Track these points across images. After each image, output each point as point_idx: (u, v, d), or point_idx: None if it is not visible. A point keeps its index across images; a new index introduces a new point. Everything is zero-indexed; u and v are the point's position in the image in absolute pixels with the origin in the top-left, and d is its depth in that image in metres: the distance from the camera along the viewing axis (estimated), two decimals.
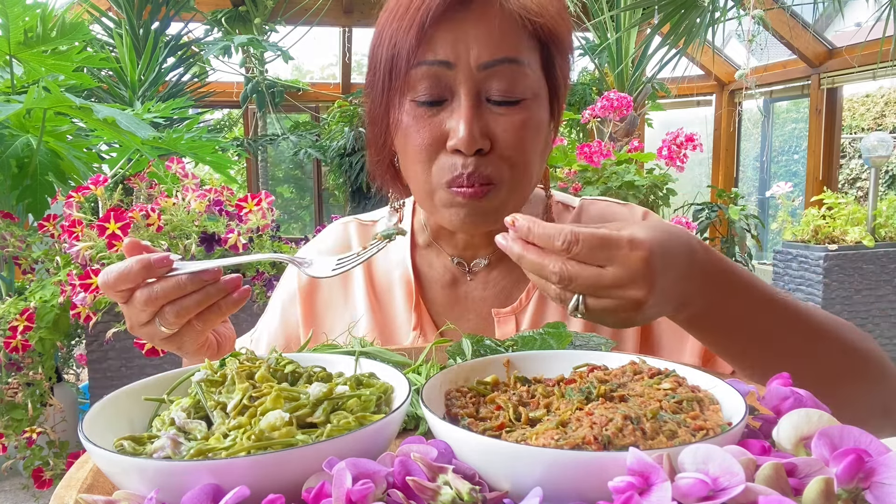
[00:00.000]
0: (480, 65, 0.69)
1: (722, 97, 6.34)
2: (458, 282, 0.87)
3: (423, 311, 0.85)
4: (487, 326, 0.84)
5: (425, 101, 0.71)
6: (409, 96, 0.72)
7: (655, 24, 3.78)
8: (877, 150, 3.75)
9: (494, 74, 0.70)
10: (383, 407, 0.48)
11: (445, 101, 0.71)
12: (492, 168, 0.71)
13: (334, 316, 0.90)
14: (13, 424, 2.07)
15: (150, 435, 0.46)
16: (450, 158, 0.71)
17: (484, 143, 0.70)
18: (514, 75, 0.70)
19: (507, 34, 0.70)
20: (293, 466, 0.37)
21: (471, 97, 0.70)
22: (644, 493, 0.33)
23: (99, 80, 3.70)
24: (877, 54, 3.85)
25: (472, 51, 0.69)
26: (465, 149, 0.69)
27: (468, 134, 0.68)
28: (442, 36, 0.69)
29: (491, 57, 0.69)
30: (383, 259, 0.90)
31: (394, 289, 0.88)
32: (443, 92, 0.71)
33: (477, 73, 0.69)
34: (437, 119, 0.71)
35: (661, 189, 2.76)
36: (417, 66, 0.70)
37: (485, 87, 0.70)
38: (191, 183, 2.33)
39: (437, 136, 0.71)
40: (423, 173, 0.73)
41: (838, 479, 0.34)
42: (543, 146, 0.77)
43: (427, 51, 0.70)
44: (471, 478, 0.38)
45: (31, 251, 2.27)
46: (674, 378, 0.50)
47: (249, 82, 5.18)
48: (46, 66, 2.26)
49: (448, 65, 0.69)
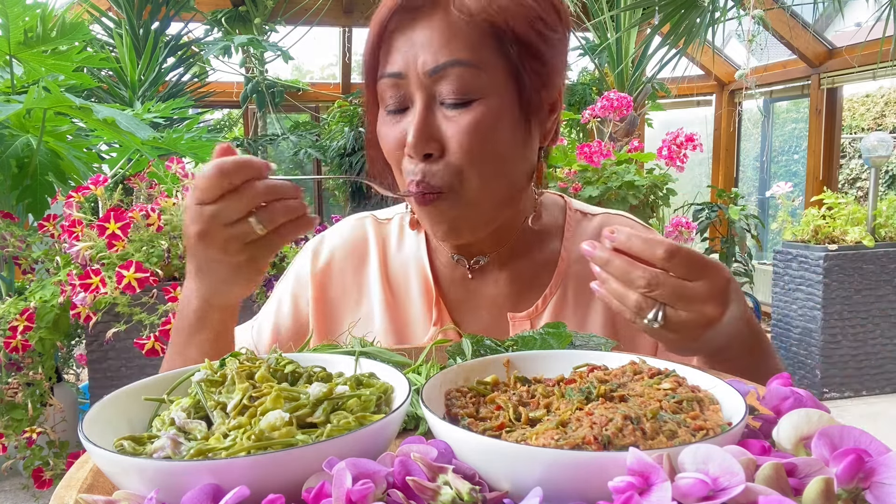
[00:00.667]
0: (427, 71, 0.71)
1: (722, 97, 6.34)
2: (470, 279, 0.88)
3: (442, 307, 0.86)
4: (498, 325, 0.85)
5: (391, 111, 0.75)
6: (382, 105, 0.76)
7: (655, 24, 3.78)
8: (877, 150, 3.75)
9: (443, 78, 0.71)
10: (383, 407, 0.48)
11: (408, 109, 0.74)
12: (441, 175, 0.72)
13: (346, 307, 0.89)
14: (13, 424, 2.07)
15: (150, 435, 0.46)
16: (410, 162, 0.73)
17: (430, 147, 0.71)
18: (463, 76, 0.70)
19: (452, 37, 0.70)
20: (293, 466, 0.37)
21: (422, 102, 0.72)
22: (644, 493, 0.33)
23: (99, 80, 3.70)
24: (877, 54, 3.85)
25: (419, 58, 0.71)
26: (412, 153, 0.71)
27: (414, 138, 0.71)
28: (395, 47, 0.73)
29: (435, 63, 0.70)
30: (398, 253, 0.90)
31: (410, 283, 0.88)
32: (405, 101, 0.73)
33: (425, 80, 0.71)
34: (400, 125, 0.74)
35: (661, 189, 2.76)
36: (381, 79, 0.74)
37: (437, 92, 0.72)
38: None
39: (399, 142, 0.74)
40: (399, 177, 0.77)
41: (838, 479, 0.34)
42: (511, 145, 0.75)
43: (385, 63, 0.73)
44: (471, 478, 0.38)
45: (31, 251, 2.27)
46: (674, 378, 0.50)
47: (249, 82, 5.18)
48: (46, 66, 2.26)
49: (399, 75, 0.72)
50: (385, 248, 0.91)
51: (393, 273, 0.89)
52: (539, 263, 0.87)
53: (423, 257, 0.89)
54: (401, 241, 0.91)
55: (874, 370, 3.88)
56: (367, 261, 0.90)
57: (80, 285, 1.84)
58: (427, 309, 0.86)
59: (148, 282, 1.81)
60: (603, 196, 2.64)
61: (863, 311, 3.80)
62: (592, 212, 0.93)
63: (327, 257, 0.91)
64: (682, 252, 0.57)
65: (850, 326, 3.80)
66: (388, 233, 0.93)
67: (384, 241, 0.92)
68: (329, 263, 0.90)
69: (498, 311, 0.86)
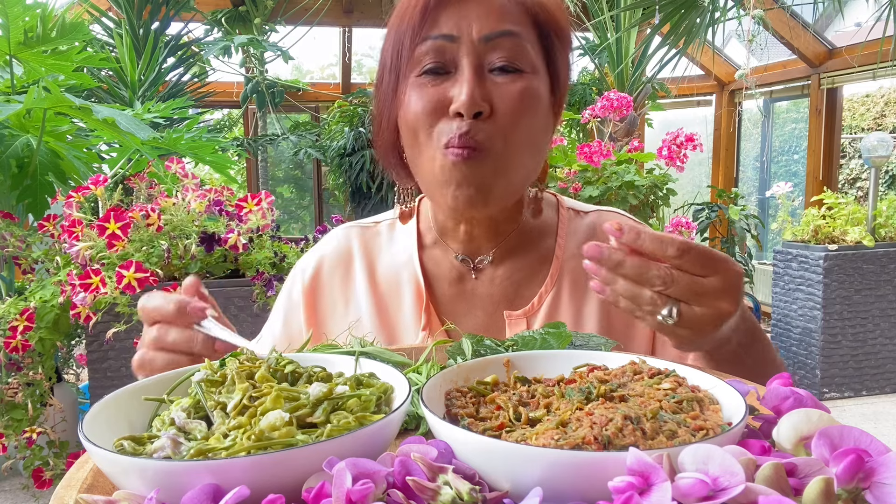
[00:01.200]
0: (482, 37, 0.73)
1: (722, 97, 6.34)
2: (464, 279, 0.88)
3: (432, 312, 0.86)
4: (494, 324, 0.85)
5: (430, 71, 0.74)
6: (414, 72, 0.75)
7: (655, 24, 3.78)
8: (877, 150, 3.76)
9: (496, 46, 0.73)
10: (383, 407, 0.48)
11: (450, 73, 0.74)
12: (487, 134, 0.73)
13: (335, 317, 0.90)
14: (13, 424, 2.07)
15: (150, 435, 0.46)
16: (449, 122, 0.73)
17: (483, 106, 0.72)
18: (515, 47, 0.74)
19: (507, 12, 0.74)
20: (293, 466, 0.37)
21: (473, 66, 0.73)
22: (644, 493, 0.33)
23: (99, 80, 3.70)
24: (877, 54, 3.85)
25: (473, 25, 0.73)
26: (465, 110, 0.71)
27: (469, 96, 0.71)
28: (445, 13, 0.74)
29: (491, 30, 0.73)
30: (389, 260, 0.90)
31: (402, 289, 0.88)
32: (447, 65, 0.74)
33: (479, 45, 0.73)
34: (441, 88, 0.74)
35: (661, 189, 2.76)
36: (423, 42, 0.74)
37: (487, 59, 0.73)
38: (191, 183, 2.33)
39: (439, 103, 0.73)
40: (426, 141, 0.75)
41: (838, 479, 0.34)
42: (543, 127, 0.78)
43: (432, 27, 0.74)
44: (471, 478, 0.38)
45: (31, 251, 2.27)
46: (674, 378, 0.50)
47: (249, 82, 5.18)
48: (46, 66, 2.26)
49: (451, 38, 0.73)
50: (371, 255, 0.91)
51: (381, 278, 0.90)
52: (534, 261, 0.88)
53: (414, 259, 0.88)
54: (390, 245, 0.91)
55: (874, 370, 3.88)
56: (352, 269, 0.91)
57: (80, 285, 1.84)
58: (418, 313, 0.86)
59: (148, 282, 1.81)
60: (603, 196, 2.64)
61: (863, 311, 3.80)
62: (584, 209, 0.93)
63: (314, 272, 0.92)
64: (695, 248, 0.58)
65: (850, 326, 3.80)
66: (374, 238, 0.93)
67: (369, 247, 0.92)
68: (316, 277, 0.91)
69: (494, 309, 0.86)
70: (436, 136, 0.74)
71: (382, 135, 0.82)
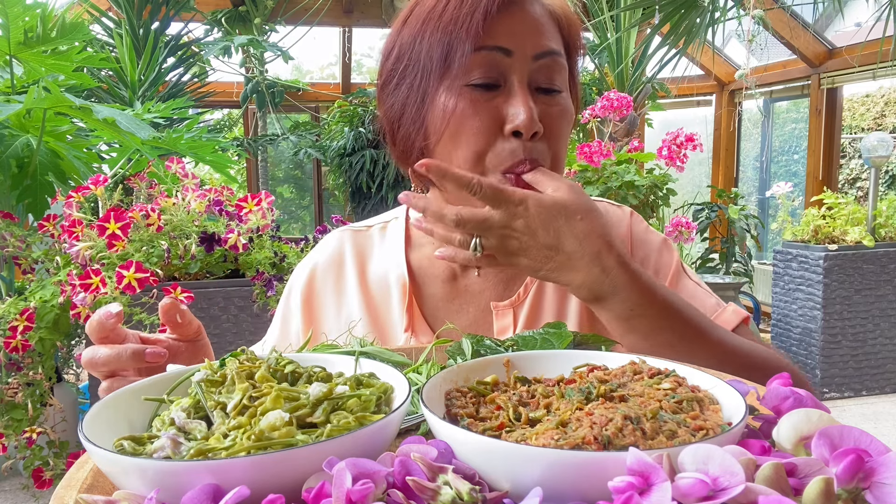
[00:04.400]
0: (536, 54, 0.73)
1: (722, 97, 6.34)
2: (458, 276, 0.87)
3: (414, 312, 0.85)
4: (486, 319, 0.85)
5: (481, 85, 0.73)
6: (462, 80, 0.73)
7: (655, 24, 3.77)
8: (877, 150, 3.75)
9: (544, 65, 0.74)
10: (383, 407, 0.48)
11: (499, 87, 0.73)
12: (541, 152, 0.74)
13: (328, 319, 0.90)
14: (13, 424, 2.07)
15: (150, 435, 0.46)
16: (507, 143, 0.73)
17: (540, 127, 0.73)
18: (557, 67, 0.75)
19: (551, 29, 0.76)
20: (293, 466, 0.37)
21: (525, 83, 0.73)
22: (644, 493, 0.33)
23: (99, 80, 3.70)
24: (877, 54, 3.85)
25: (528, 40, 0.73)
26: (527, 131, 0.71)
27: (529, 117, 0.71)
28: (502, 24, 0.73)
29: (543, 49, 0.74)
30: (378, 260, 0.91)
31: (390, 290, 0.88)
32: (497, 78, 0.73)
33: (531, 63, 0.73)
34: (493, 104, 0.73)
35: (661, 189, 2.76)
36: (477, 52, 0.72)
37: (533, 77, 0.74)
38: (191, 183, 2.33)
39: (495, 120, 0.73)
40: (476, 158, 0.74)
41: (838, 479, 0.34)
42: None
43: (487, 37, 0.72)
44: (471, 478, 0.38)
45: (31, 251, 2.27)
46: (674, 378, 0.50)
47: (249, 82, 5.18)
48: (46, 66, 2.26)
49: (507, 52, 0.73)
50: (363, 257, 0.92)
51: (372, 280, 0.90)
52: None
53: (401, 260, 0.88)
54: (381, 247, 0.92)
55: (874, 370, 3.88)
56: (344, 273, 0.91)
57: (80, 285, 1.83)
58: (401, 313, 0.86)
59: (148, 282, 1.81)
60: (603, 196, 2.64)
61: (863, 311, 3.80)
62: None
63: (308, 278, 0.92)
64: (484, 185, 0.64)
65: (850, 326, 3.80)
66: (366, 241, 0.93)
67: (361, 250, 0.92)
68: (311, 283, 0.92)
69: (485, 303, 0.86)
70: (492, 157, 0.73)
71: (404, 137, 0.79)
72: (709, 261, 4.69)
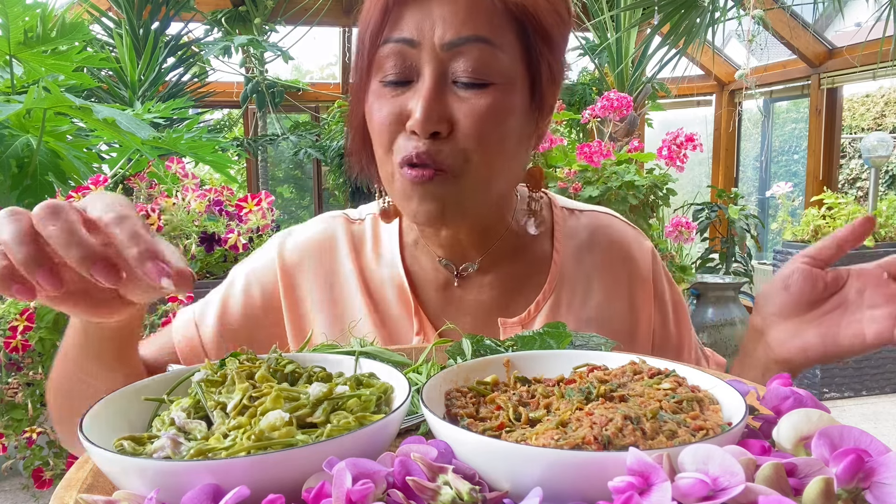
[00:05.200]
0: (445, 44, 0.66)
1: (722, 97, 6.34)
2: (449, 285, 0.83)
3: (423, 316, 0.82)
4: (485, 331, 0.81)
5: (391, 81, 0.69)
6: (377, 77, 0.70)
7: (655, 24, 3.77)
8: (877, 150, 3.76)
9: (461, 54, 0.67)
10: (383, 407, 0.48)
11: (412, 82, 0.69)
12: (446, 154, 0.68)
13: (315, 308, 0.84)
14: (13, 424, 2.07)
15: (150, 435, 0.46)
16: (408, 140, 0.69)
17: (440, 127, 0.67)
18: (483, 56, 0.67)
19: (477, 13, 0.67)
20: (293, 466, 0.37)
21: (433, 77, 0.67)
22: (644, 493, 0.33)
23: (99, 80, 3.69)
24: (877, 54, 3.85)
25: (437, 29, 0.66)
26: (420, 130, 0.66)
27: (423, 115, 0.66)
28: (408, 13, 0.67)
29: (456, 35, 0.66)
30: (373, 255, 0.86)
31: (385, 289, 0.84)
32: (409, 72, 0.68)
33: (441, 53, 0.67)
34: (401, 99, 0.69)
35: (661, 189, 2.76)
36: (384, 44, 0.68)
37: (451, 68, 0.67)
38: (191, 183, 2.33)
39: (398, 116, 0.69)
40: (384, 156, 0.71)
41: (838, 479, 0.34)
42: (517, 138, 0.73)
43: (393, 28, 0.68)
44: (471, 478, 0.38)
45: None
46: (674, 378, 0.50)
47: (249, 82, 5.18)
48: (46, 66, 2.26)
49: (412, 42, 0.67)
50: (357, 248, 0.86)
51: (370, 277, 0.85)
52: (528, 266, 0.84)
53: (397, 263, 0.84)
54: (375, 244, 0.87)
55: (874, 370, 3.88)
56: (338, 262, 0.86)
57: None
58: (407, 317, 0.82)
59: None
60: (603, 196, 2.64)
61: None
62: (579, 208, 0.89)
63: (295, 254, 0.86)
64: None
65: None
66: (361, 233, 0.88)
67: (356, 242, 0.87)
68: (298, 260, 0.86)
69: (485, 316, 0.82)
70: (395, 152, 0.70)
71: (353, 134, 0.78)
72: (709, 261, 4.69)
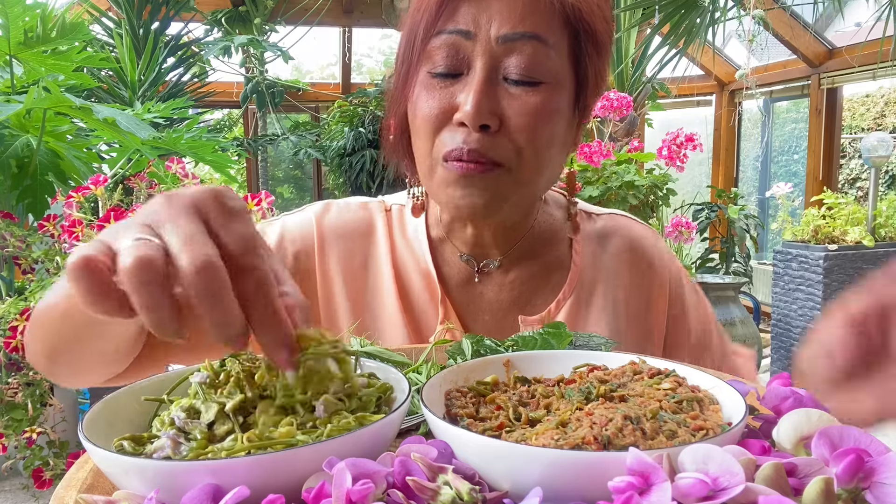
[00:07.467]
0: (500, 37, 0.66)
1: (722, 97, 6.34)
2: (470, 280, 0.84)
3: (448, 305, 0.81)
4: (502, 329, 0.82)
5: (440, 73, 0.69)
6: (426, 67, 0.70)
7: (655, 24, 3.77)
8: (877, 150, 3.75)
9: (514, 50, 0.67)
10: (383, 407, 0.48)
11: (461, 75, 0.69)
12: (496, 150, 0.68)
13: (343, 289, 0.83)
14: (13, 424, 2.07)
15: (150, 435, 0.46)
16: (454, 132, 0.68)
17: (491, 121, 0.67)
18: (537, 54, 0.67)
19: (533, 10, 0.67)
20: (293, 466, 0.37)
21: (485, 70, 0.67)
22: (644, 493, 0.33)
23: (99, 80, 3.69)
24: (877, 54, 3.85)
25: (494, 22, 0.66)
26: (470, 122, 0.66)
27: (475, 107, 0.65)
28: (465, 6, 0.68)
29: (513, 30, 0.66)
30: (402, 242, 0.85)
31: (412, 276, 0.83)
32: (460, 65, 0.68)
33: (496, 46, 0.67)
34: (450, 91, 0.69)
35: (661, 189, 2.76)
36: (437, 35, 0.68)
37: (503, 63, 0.68)
38: (191, 183, 2.33)
39: (446, 108, 0.68)
40: (426, 147, 0.71)
41: (838, 479, 0.34)
42: (562, 140, 0.73)
43: (448, 20, 0.68)
44: (471, 478, 0.38)
45: (31, 251, 2.27)
46: (674, 378, 0.50)
47: (249, 82, 5.18)
48: (46, 66, 2.26)
49: (467, 34, 0.67)
50: (393, 235, 0.86)
51: (400, 262, 0.84)
52: (547, 266, 0.85)
53: (425, 251, 0.83)
54: (403, 232, 0.86)
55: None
56: (375, 246, 0.84)
57: None
58: (433, 305, 0.82)
59: None
60: (603, 196, 2.64)
61: None
62: (595, 211, 0.90)
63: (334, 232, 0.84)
64: None
65: None
66: (393, 221, 0.87)
67: (391, 228, 0.86)
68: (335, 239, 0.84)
69: (503, 314, 0.83)
70: (437, 145, 0.69)
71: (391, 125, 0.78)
72: (708, 261, 4.69)
